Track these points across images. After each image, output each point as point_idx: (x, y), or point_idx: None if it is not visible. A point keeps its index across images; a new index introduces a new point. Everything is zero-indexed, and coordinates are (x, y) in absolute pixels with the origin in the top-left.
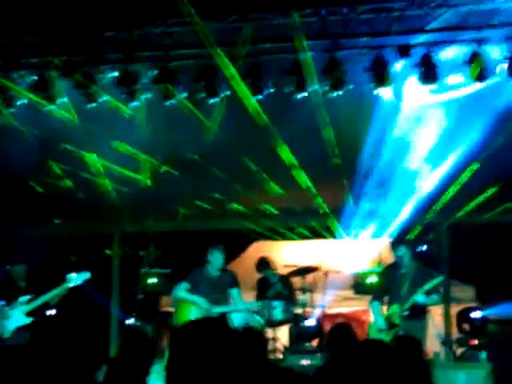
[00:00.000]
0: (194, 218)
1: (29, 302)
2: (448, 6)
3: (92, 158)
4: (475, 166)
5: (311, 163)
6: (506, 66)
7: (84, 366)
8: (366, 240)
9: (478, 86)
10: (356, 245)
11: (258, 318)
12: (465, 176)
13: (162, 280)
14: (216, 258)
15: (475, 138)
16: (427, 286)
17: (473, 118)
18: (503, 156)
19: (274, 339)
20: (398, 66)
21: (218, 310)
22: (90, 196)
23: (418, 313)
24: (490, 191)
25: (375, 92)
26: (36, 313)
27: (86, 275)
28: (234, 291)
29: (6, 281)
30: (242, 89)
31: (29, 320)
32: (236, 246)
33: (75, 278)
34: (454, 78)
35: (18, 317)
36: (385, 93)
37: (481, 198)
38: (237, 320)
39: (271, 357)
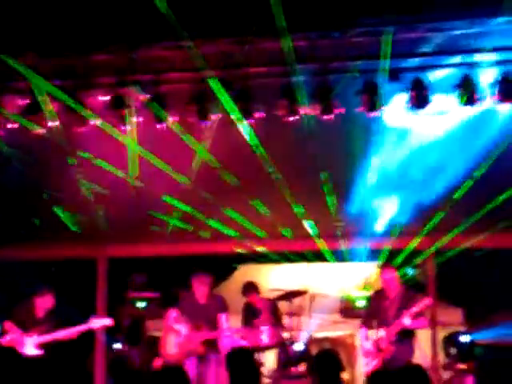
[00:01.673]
0: (181, 242)
1: (43, 334)
2: (439, 30)
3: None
4: (462, 192)
5: (300, 185)
6: (496, 90)
7: None
8: (354, 264)
9: (469, 110)
10: (344, 269)
11: (243, 343)
12: (452, 201)
13: (149, 304)
14: (199, 288)
15: (464, 165)
16: (414, 310)
17: (461, 147)
18: (490, 182)
19: (261, 364)
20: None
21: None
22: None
23: (405, 337)
24: (478, 215)
25: (369, 115)
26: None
27: (107, 321)
28: (222, 317)
29: (26, 309)
30: (234, 112)
31: (37, 352)
32: (222, 269)
33: (96, 322)
34: (444, 103)
35: (29, 347)
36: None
37: (468, 223)
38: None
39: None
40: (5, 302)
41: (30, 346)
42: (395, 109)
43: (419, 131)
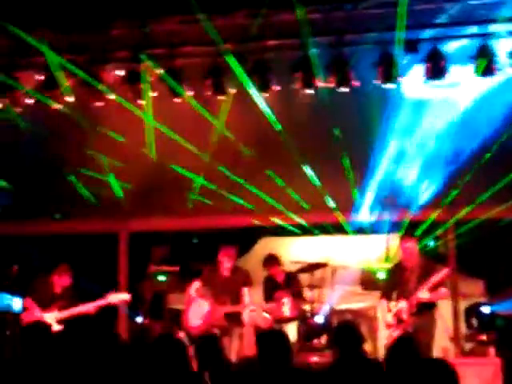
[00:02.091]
0: (202, 215)
1: (62, 309)
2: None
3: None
4: (482, 161)
5: (319, 159)
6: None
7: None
8: (374, 236)
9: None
10: (364, 241)
11: (265, 315)
12: (472, 171)
13: (171, 278)
14: (224, 260)
15: (483, 134)
16: (433, 280)
17: (482, 114)
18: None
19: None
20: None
21: (227, 310)
22: (95, 194)
23: (426, 308)
24: (498, 186)
25: (386, 87)
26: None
27: (125, 296)
28: (244, 290)
29: (44, 285)
30: (249, 86)
31: (57, 328)
32: (243, 242)
33: (114, 297)
34: (460, 74)
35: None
36: (411, 87)
37: (488, 193)
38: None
39: None
40: (24, 278)
41: (50, 322)
42: (412, 80)
43: (438, 102)
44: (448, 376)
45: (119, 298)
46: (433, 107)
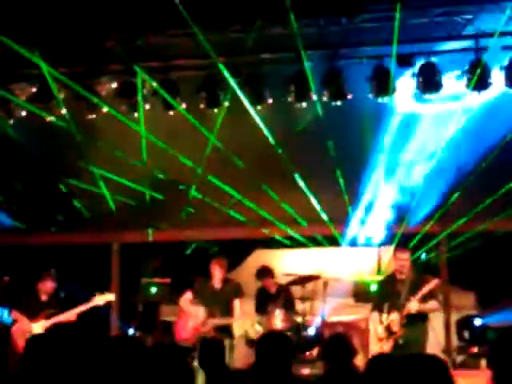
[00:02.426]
0: (194, 227)
1: (49, 317)
2: (449, 14)
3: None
4: (475, 175)
5: (312, 171)
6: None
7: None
8: (367, 248)
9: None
10: (356, 253)
11: (257, 327)
12: (465, 184)
13: (163, 289)
14: (216, 271)
15: (476, 148)
16: (423, 291)
17: (475, 128)
18: (503, 166)
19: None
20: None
21: (217, 322)
22: (88, 205)
23: (418, 320)
24: (490, 199)
25: (380, 101)
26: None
27: (111, 297)
28: (235, 303)
29: (30, 294)
30: (243, 99)
31: None
32: (236, 254)
33: (99, 299)
34: (454, 88)
35: (37, 332)
36: (402, 102)
37: (481, 206)
38: (236, 329)
39: None
40: (15, 289)
41: (39, 331)
42: (405, 94)
43: (431, 116)
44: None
45: (105, 298)
46: (426, 122)
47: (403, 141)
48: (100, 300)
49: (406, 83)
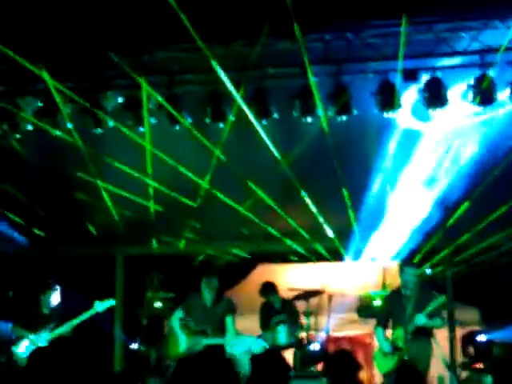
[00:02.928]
0: (198, 242)
1: (53, 329)
2: (454, 30)
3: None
4: (479, 190)
5: (317, 186)
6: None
7: None
8: (371, 263)
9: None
10: (361, 268)
11: (262, 342)
12: (469, 200)
13: (167, 304)
14: (208, 289)
15: (480, 163)
16: (429, 308)
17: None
18: (508, 180)
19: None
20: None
21: (208, 341)
22: (93, 219)
23: (423, 336)
24: (495, 215)
25: (389, 116)
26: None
27: (111, 302)
28: (227, 319)
29: (33, 307)
30: (248, 113)
31: None
32: (240, 269)
33: (100, 305)
34: (459, 103)
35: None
36: (403, 118)
37: (485, 222)
38: (240, 346)
39: None
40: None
41: (44, 344)
42: (410, 109)
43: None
44: None
45: (105, 305)
46: (429, 138)
47: (408, 155)
48: (100, 306)
49: (408, 98)
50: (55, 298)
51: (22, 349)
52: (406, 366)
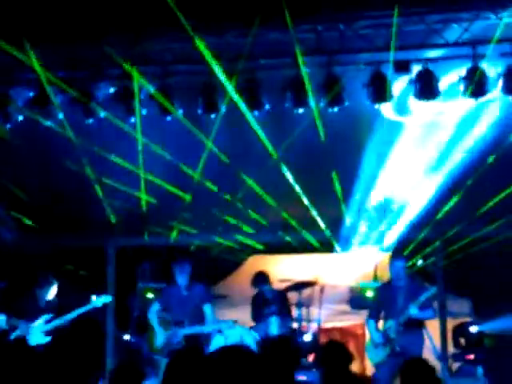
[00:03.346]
0: (190, 233)
1: (48, 321)
2: (446, 21)
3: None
4: (471, 181)
5: (308, 177)
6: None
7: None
8: (363, 254)
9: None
10: (353, 259)
11: (253, 333)
12: (461, 190)
13: (158, 295)
14: (181, 274)
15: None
16: (421, 299)
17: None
18: (500, 172)
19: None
20: (401, 82)
21: (185, 331)
22: (83, 209)
23: (414, 327)
24: (487, 206)
25: (376, 107)
26: (53, 332)
27: (108, 298)
28: (205, 308)
29: (29, 300)
30: (240, 104)
31: (47, 339)
32: (232, 260)
33: (96, 301)
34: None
35: (36, 336)
36: (387, 111)
37: (477, 213)
38: (232, 336)
39: None
40: (9, 295)
41: (38, 334)
42: (401, 101)
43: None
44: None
45: (102, 300)
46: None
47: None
48: (97, 302)
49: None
50: (52, 292)
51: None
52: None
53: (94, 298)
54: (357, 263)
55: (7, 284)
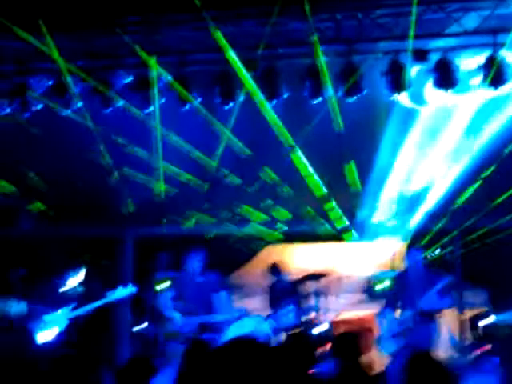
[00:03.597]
0: (207, 223)
1: (73, 309)
2: (465, 10)
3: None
4: (488, 171)
5: (325, 167)
6: None
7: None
8: (380, 244)
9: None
10: (369, 249)
11: (270, 321)
12: (478, 181)
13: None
14: (192, 264)
15: (489, 144)
16: (437, 288)
17: (488, 122)
18: None
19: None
20: (415, 70)
21: (199, 319)
22: (103, 199)
23: (430, 317)
24: (504, 196)
25: (392, 98)
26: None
27: (133, 289)
28: (219, 296)
29: (51, 287)
30: (258, 94)
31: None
32: (248, 250)
33: (121, 292)
34: (470, 83)
35: (60, 323)
36: (403, 99)
37: (494, 203)
38: (247, 325)
39: None
40: (32, 282)
41: (62, 322)
42: (420, 90)
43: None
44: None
45: (128, 291)
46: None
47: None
48: (124, 292)
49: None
50: (76, 280)
51: (40, 327)
52: (419, 355)
53: (120, 288)
54: (374, 253)
55: (27, 271)
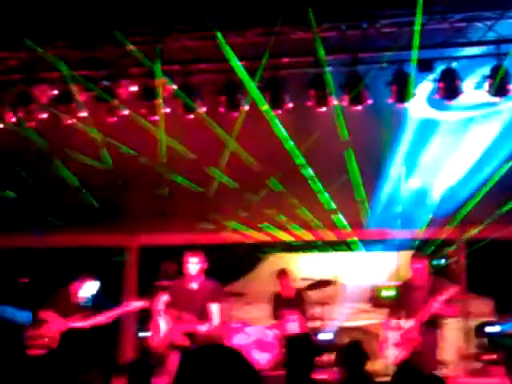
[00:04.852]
0: (212, 231)
1: (84, 319)
2: (469, 20)
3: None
4: (494, 180)
5: (331, 177)
6: None
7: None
8: (384, 253)
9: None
10: (374, 258)
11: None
12: (483, 190)
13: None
14: (188, 269)
15: (494, 154)
16: (442, 298)
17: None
18: None
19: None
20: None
21: (185, 328)
22: (107, 207)
23: (434, 325)
24: (509, 205)
25: (399, 106)
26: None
27: (144, 304)
28: (211, 307)
29: (64, 295)
30: (262, 103)
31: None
32: (252, 258)
33: (136, 304)
34: (474, 93)
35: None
36: (419, 107)
37: (499, 213)
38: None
39: None
40: (34, 291)
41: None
42: (422, 100)
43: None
44: None
45: (140, 304)
46: (445, 128)
47: (422, 145)
48: (136, 305)
49: (424, 89)
50: (89, 289)
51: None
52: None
53: (131, 301)
54: (378, 262)
55: (30, 280)
